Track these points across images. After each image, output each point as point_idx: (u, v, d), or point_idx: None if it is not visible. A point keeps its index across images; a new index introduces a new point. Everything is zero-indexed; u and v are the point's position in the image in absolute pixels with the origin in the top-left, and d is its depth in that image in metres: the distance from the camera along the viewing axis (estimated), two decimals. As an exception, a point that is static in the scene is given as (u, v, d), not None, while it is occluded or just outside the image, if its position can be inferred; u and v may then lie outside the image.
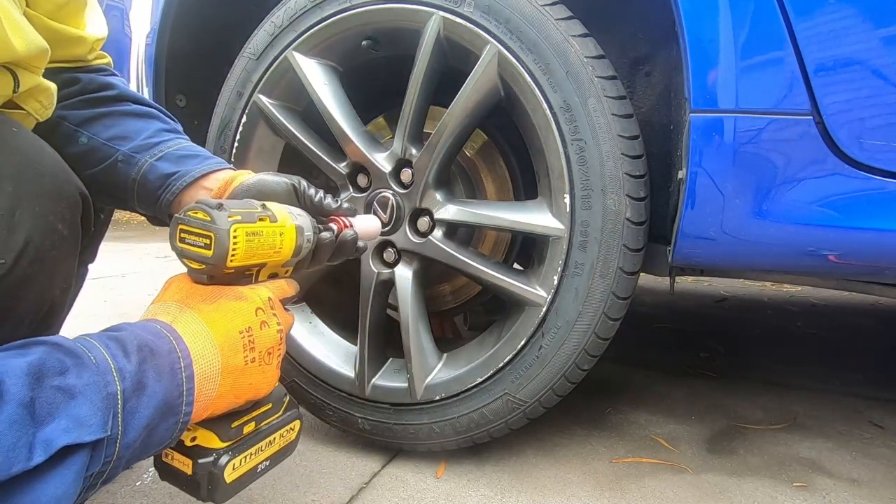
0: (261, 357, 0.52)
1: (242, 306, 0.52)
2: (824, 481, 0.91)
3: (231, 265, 0.52)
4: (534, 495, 0.85)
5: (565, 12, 0.80)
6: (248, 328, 0.52)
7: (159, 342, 0.46)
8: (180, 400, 0.45)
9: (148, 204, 0.72)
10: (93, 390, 0.38)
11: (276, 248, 0.56)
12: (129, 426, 0.40)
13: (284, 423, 0.60)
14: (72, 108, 0.70)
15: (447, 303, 1.17)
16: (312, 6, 0.92)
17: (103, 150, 0.70)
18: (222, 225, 0.50)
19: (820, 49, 0.67)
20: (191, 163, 0.71)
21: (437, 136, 0.85)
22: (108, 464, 0.40)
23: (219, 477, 0.51)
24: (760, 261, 0.79)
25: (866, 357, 1.64)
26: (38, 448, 0.34)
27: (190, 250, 0.51)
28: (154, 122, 0.75)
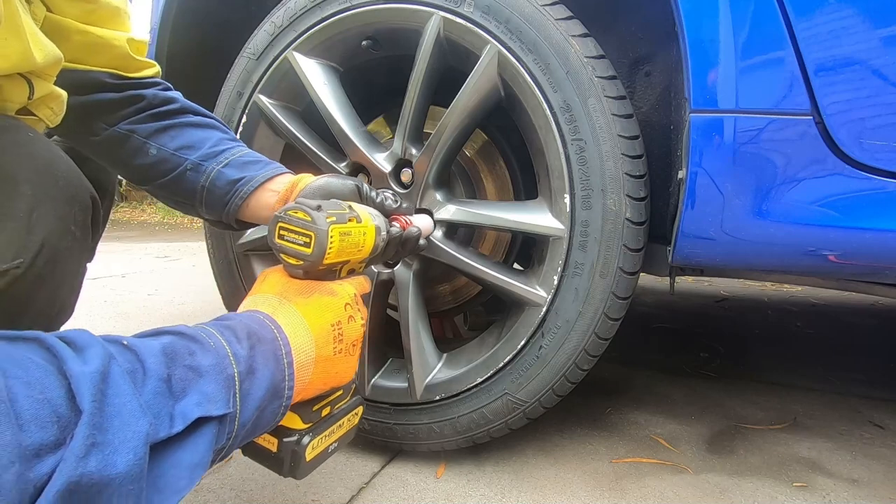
0: (346, 348, 0.57)
1: (334, 301, 0.57)
2: (824, 481, 0.91)
3: (326, 263, 0.56)
4: (534, 495, 0.85)
5: (565, 12, 0.80)
6: (338, 322, 0.56)
7: (264, 331, 0.50)
8: (283, 385, 0.49)
9: (215, 209, 0.76)
10: (215, 371, 0.43)
11: (360, 246, 0.62)
12: (244, 406, 0.44)
13: (351, 408, 0.65)
14: (140, 122, 0.74)
15: (447, 303, 1.17)
16: (312, 6, 0.92)
17: (172, 161, 0.74)
18: (322, 226, 0.55)
19: (820, 49, 0.67)
20: (254, 168, 0.76)
21: (437, 136, 0.85)
22: (228, 440, 0.43)
23: (301, 455, 0.56)
24: (760, 261, 0.79)
25: (866, 357, 1.64)
26: (178, 418, 0.38)
27: (289, 247, 0.56)
28: (215, 132, 0.79)
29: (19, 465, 0.29)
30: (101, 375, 0.34)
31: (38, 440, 0.30)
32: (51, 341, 0.34)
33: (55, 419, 0.31)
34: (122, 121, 0.74)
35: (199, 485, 0.85)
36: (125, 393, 0.35)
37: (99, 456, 0.32)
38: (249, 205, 0.75)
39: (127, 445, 0.34)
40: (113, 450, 0.33)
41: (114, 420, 0.34)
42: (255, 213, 0.76)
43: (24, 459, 0.29)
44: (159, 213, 5.43)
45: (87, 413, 0.32)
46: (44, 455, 0.30)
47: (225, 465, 0.92)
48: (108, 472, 0.32)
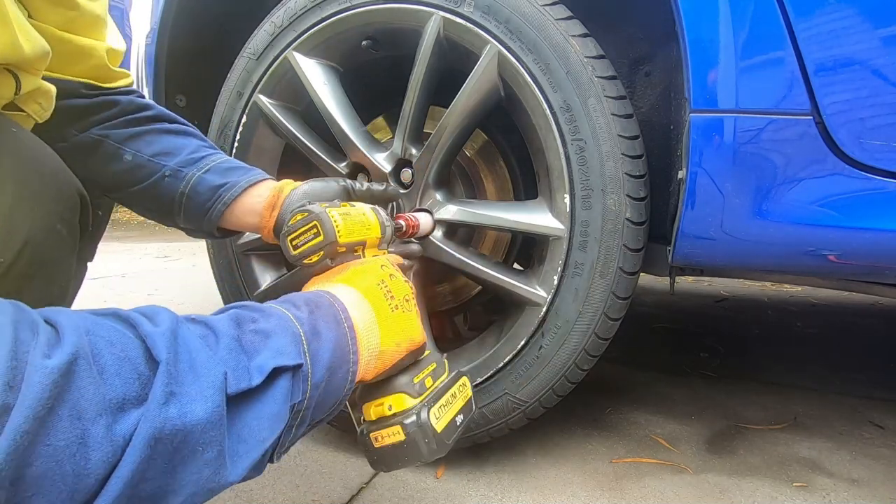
0: (401, 304, 0.57)
1: (369, 266, 0.59)
2: (824, 481, 0.91)
3: (341, 240, 0.58)
4: (534, 495, 0.85)
5: (565, 12, 0.80)
6: (382, 280, 0.57)
7: (319, 299, 0.51)
8: (348, 347, 0.50)
9: (195, 217, 0.75)
10: (282, 330, 0.44)
11: (368, 224, 0.64)
12: (315, 366, 0.45)
13: (454, 380, 0.64)
14: (113, 127, 0.73)
15: (447, 303, 1.17)
16: (312, 6, 0.92)
17: (148, 167, 0.73)
18: (319, 210, 0.58)
19: (820, 49, 0.67)
20: (237, 174, 0.75)
21: (437, 136, 0.85)
22: (303, 398, 0.44)
23: (429, 427, 0.55)
24: (760, 261, 0.79)
25: (866, 357, 1.64)
26: (255, 372, 0.40)
27: (306, 248, 0.59)
28: (193, 139, 0.78)
29: (106, 416, 0.31)
30: (171, 333, 0.36)
31: (122, 393, 0.32)
32: (124, 312, 0.37)
33: (136, 375, 0.33)
34: (94, 126, 0.72)
35: (199, 485, 0.85)
36: (198, 349, 0.38)
37: (178, 404, 0.34)
38: (234, 211, 0.73)
39: (204, 394, 0.36)
40: (190, 399, 0.35)
41: (189, 372, 0.36)
42: (240, 219, 0.74)
43: (110, 412, 0.31)
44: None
45: (164, 363, 0.34)
46: (128, 409, 0.32)
47: (225, 465, 0.92)
48: (187, 419, 0.34)
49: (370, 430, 0.56)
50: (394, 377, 0.57)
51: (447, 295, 1.16)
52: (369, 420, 0.57)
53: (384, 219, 0.67)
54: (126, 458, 0.31)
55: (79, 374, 0.30)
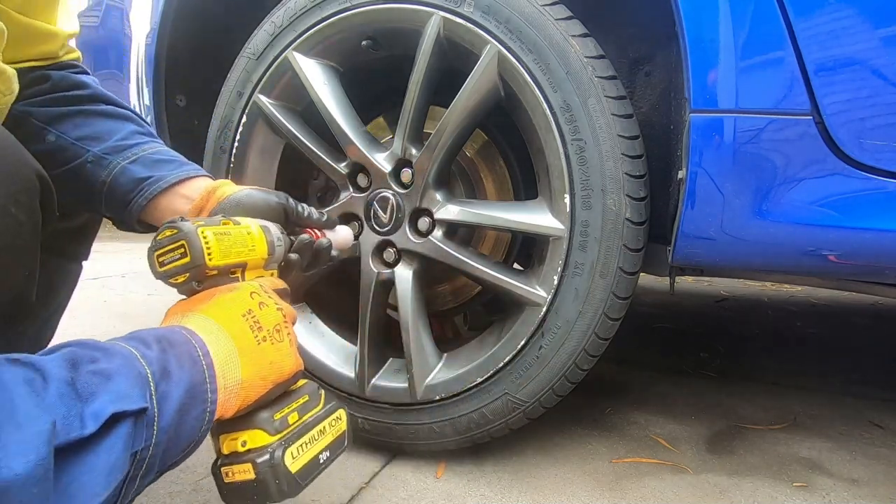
0: (270, 335, 0.55)
1: (237, 294, 0.55)
2: (824, 481, 0.91)
3: (211, 263, 0.54)
4: (534, 495, 0.85)
5: (565, 12, 0.80)
6: (249, 310, 0.54)
7: (174, 336, 0.48)
8: (205, 386, 0.47)
9: (117, 208, 0.69)
10: (125, 371, 0.41)
11: (250, 245, 0.59)
12: (162, 409, 0.42)
13: (328, 413, 0.62)
14: (40, 105, 0.67)
15: (447, 303, 1.17)
16: (312, 6, 0.92)
17: (71, 150, 0.67)
18: (189, 229, 0.53)
19: (820, 49, 0.67)
20: (166, 168, 0.69)
21: (437, 136, 0.85)
22: (148, 448, 0.41)
23: (281, 468, 0.53)
24: (760, 261, 0.79)
25: (866, 357, 1.64)
26: (89, 419, 0.37)
27: (171, 268, 0.54)
28: (128, 125, 0.72)
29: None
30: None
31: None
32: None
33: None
34: (23, 101, 0.66)
35: (199, 485, 0.85)
36: (21, 395, 0.34)
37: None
38: (158, 207, 0.68)
39: (26, 447, 0.32)
40: (8, 453, 0.31)
41: (8, 422, 0.32)
42: (163, 216, 0.68)
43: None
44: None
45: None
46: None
47: (225, 465, 0.92)
48: (4, 475, 0.31)
49: (222, 464, 0.54)
50: (254, 412, 0.54)
51: (447, 295, 1.16)
52: (223, 454, 0.55)
53: (275, 237, 0.63)
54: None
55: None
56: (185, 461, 0.49)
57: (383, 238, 0.92)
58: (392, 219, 0.91)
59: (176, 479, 0.86)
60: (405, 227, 0.91)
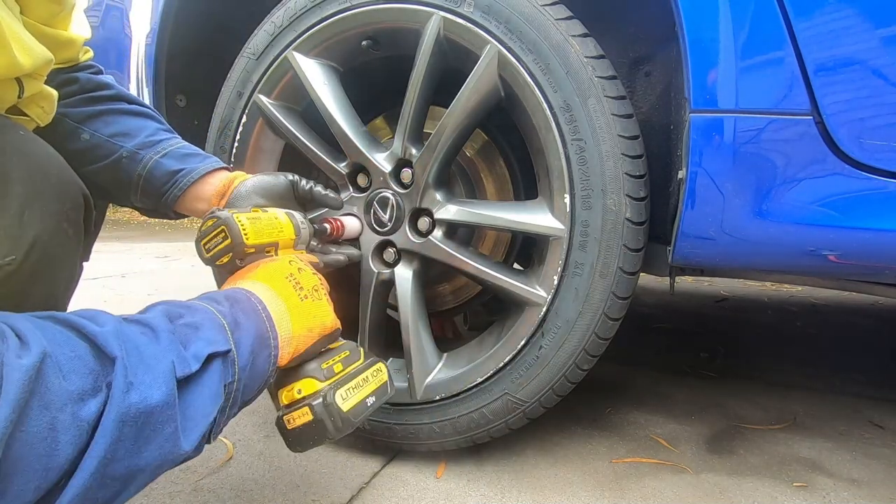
0: (310, 293, 0.63)
1: (276, 263, 0.64)
2: (824, 481, 0.91)
3: (249, 242, 0.63)
4: (534, 495, 0.85)
5: (565, 12, 0.80)
6: (290, 273, 0.63)
7: (237, 294, 0.57)
8: (268, 334, 0.56)
9: (151, 199, 0.78)
10: (208, 323, 0.50)
11: (279, 227, 0.68)
12: (239, 351, 0.51)
13: (369, 365, 0.70)
14: (72, 105, 0.74)
15: (447, 303, 1.17)
16: (312, 6, 0.92)
17: (106, 147, 0.75)
18: (224, 215, 0.63)
19: (820, 49, 0.67)
20: (194, 161, 0.78)
21: (437, 136, 0.85)
22: (233, 378, 0.50)
23: (334, 407, 0.60)
24: (760, 261, 0.79)
25: (866, 357, 1.64)
26: (192, 360, 0.46)
27: (216, 251, 0.63)
28: (151, 122, 0.80)
29: (71, 406, 0.36)
30: (117, 332, 0.42)
31: (79, 387, 0.37)
32: (63, 316, 0.42)
33: (88, 371, 0.39)
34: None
35: (199, 485, 0.85)
36: (144, 343, 0.43)
37: (138, 392, 0.40)
38: (188, 196, 0.77)
39: (158, 381, 0.42)
40: (147, 386, 0.41)
41: (140, 364, 0.41)
42: (192, 205, 0.78)
43: (73, 402, 0.37)
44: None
45: (119, 358, 0.40)
46: (86, 399, 0.38)
47: (225, 465, 0.92)
48: (147, 402, 0.40)
49: (284, 414, 0.61)
50: (304, 364, 0.62)
51: (447, 295, 1.16)
52: (283, 405, 0.62)
53: (299, 221, 0.73)
54: (98, 438, 0.37)
55: (46, 371, 0.35)
56: (252, 401, 0.56)
57: (383, 238, 0.92)
58: (392, 219, 0.91)
59: (176, 479, 0.86)
60: (405, 227, 0.91)
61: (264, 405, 1.15)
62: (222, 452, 0.96)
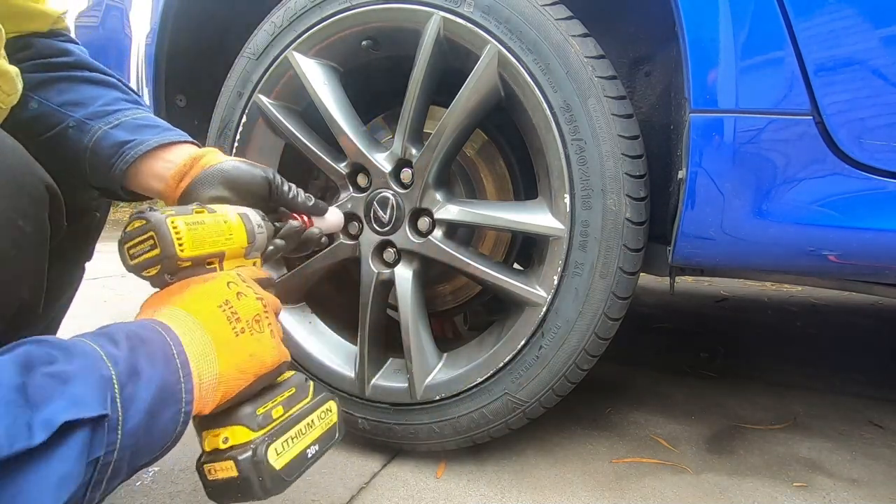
0: (249, 326, 0.53)
1: (212, 284, 0.53)
2: (824, 481, 0.91)
3: (183, 255, 0.52)
4: (534, 495, 0.85)
5: (565, 12, 0.80)
6: (226, 300, 0.52)
7: (146, 332, 0.46)
8: (179, 386, 0.45)
9: (101, 175, 0.68)
10: (86, 373, 0.39)
11: (227, 234, 0.57)
12: (129, 412, 0.40)
13: (317, 405, 0.60)
14: (24, 71, 0.65)
15: (447, 303, 1.17)
16: (312, 6, 0.92)
17: (55, 116, 0.66)
18: (157, 219, 0.51)
19: (820, 49, 0.67)
20: (149, 132, 0.67)
21: (437, 136, 0.85)
22: (111, 452, 0.39)
23: (264, 465, 0.51)
24: (760, 261, 0.79)
25: (866, 357, 1.65)
26: (38, 428, 0.34)
27: (142, 260, 0.52)
28: (112, 91, 0.71)
29: None
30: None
31: None
32: None
33: None
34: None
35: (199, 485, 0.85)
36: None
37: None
38: (140, 171, 0.66)
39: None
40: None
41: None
42: (146, 182, 0.67)
43: None
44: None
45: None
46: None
47: (225, 465, 0.92)
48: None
49: (205, 461, 0.53)
50: (237, 407, 0.53)
51: (447, 295, 1.16)
52: (205, 450, 0.54)
53: (255, 224, 0.61)
54: None
55: None
56: (155, 461, 0.47)
57: (383, 238, 0.92)
58: (392, 219, 0.91)
59: (176, 479, 0.86)
60: (405, 227, 0.91)
61: (264, 405, 1.15)
62: (222, 452, 0.96)
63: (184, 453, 0.94)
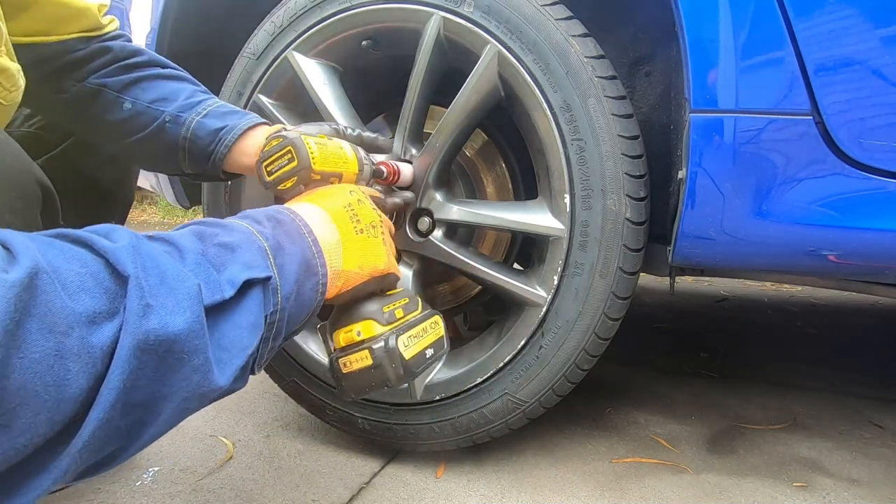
0: (367, 229, 0.58)
1: (337, 189, 0.60)
2: (824, 481, 0.91)
3: (316, 167, 0.59)
4: (534, 495, 0.85)
5: (565, 12, 0.80)
6: (349, 204, 0.58)
7: (281, 216, 0.51)
8: (315, 260, 0.51)
9: (199, 161, 0.76)
10: (246, 244, 0.45)
11: (345, 158, 0.65)
12: (283, 278, 0.46)
13: (426, 317, 0.65)
14: (109, 75, 0.74)
15: (447, 303, 1.17)
16: (312, 6, 0.92)
17: (149, 114, 0.74)
18: (293, 136, 0.60)
19: (820, 49, 0.67)
20: (234, 117, 0.76)
21: (437, 136, 0.85)
22: (276, 312, 0.45)
23: (396, 353, 0.56)
24: (760, 261, 0.79)
25: (866, 357, 1.64)
26: (226, 285, 0.40)
27: (280, 173, 0.59)
28: (187, 84, 0.79)
29: (78, 329, 0.31)
30: (133, 249, 0.36)
31: (90, 307, 0.32)
32: (74, 232, 0.36)
33: (102, 290, 0.33)
34: (91, 75, 0.73)
35: (199, 485, 0.85)
36: (165, 262, 0.37)
37: (156, 316, 0.34)
38: (234, 153, 0.75)
39: (181, 305, 0.36)
40: (168, 310, 0.35)
41: (160, 286, 0.36)
42: (239, 161, 0.76)
43: (81, 325, 0.31)
44: (160, 212, 5.45)
45: (133, 277, 0.34)
46: (100, 322, 0.33)
47: (225, 465, 0.92)
48: (168, 330, 0.35)
49: (339, 357, 0.57)
50: (363, 304, 0.58)
51: (447, 295, 1.16)
52: (339, 347, 0.58)
53: (363, 157, 0.68)
54: (114, 368, 0.32)
55: (42, 287, 0.30)
56: (298, 332, 0.52)
57: (383, 238, 0.92)
58: (392, 219, 0.90)
59: (176, 479, 0.86)
60: (405, 227, 0.91)
61: (264, 405, 1.15)
62: (222, 452, 0.96)
63: (184, 453, 0.94)
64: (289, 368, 1.00)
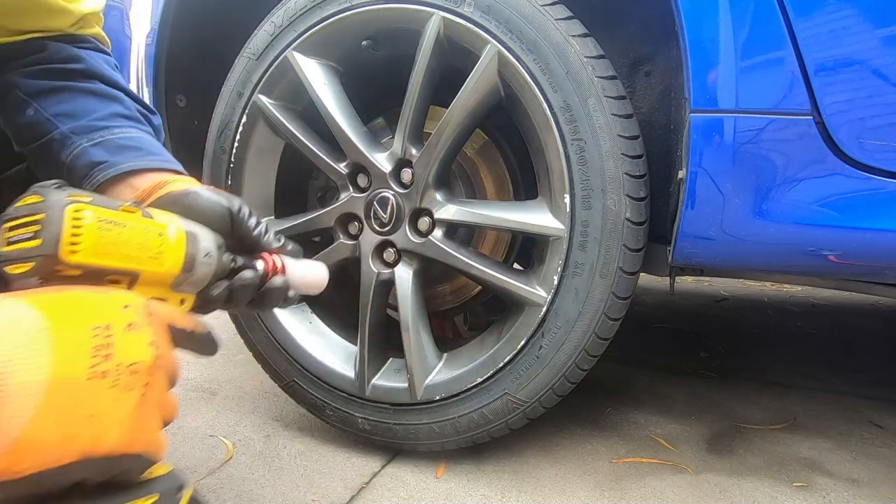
0: (117, 373, 0.35)
1: (102, 297, 0.38)
2: (824, 481, 0.91)
3: (72, 259, 0.38)
4: (534, 495, 0.85)
5: (565, 12, 0.80)
6: (108, 325, 0.36)
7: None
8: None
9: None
10: None
11: (152, 250, 0.43)
12: None
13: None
14: (28, 75, 0.63)
15: (447, 303, 1.17)
16: (312, 6, 0.92)
17: (44, 127, 0.62)
18: (56, 200, 0.38)
19: (820, 49, 0.67)
20: (128, 155, 0.61)
21: (437, 136, 0.85)
22: None
23: None
24: (760, 261, 0.79)
25: (866, 357, 1.64)
26: None
27: (16, 248, 0.38)
28: (113, 105, 0.66)
29: None
30: None
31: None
32: None
33: None
34: (12, 70, 0.63)
35: (199, 485, 0.85)
36: None
37: None
38: (108, 195, 0.60)
39: None
40: None
41: None
42: None
43: None
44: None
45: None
46: None
47: (225, 465, 0.92)
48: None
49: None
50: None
51: (447, 295, 1.16)
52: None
53: (201, 251, 0.47)
54: None
55: None
56: (168, 461, 0.40)
57: (383, 238, 0.92)
58: (392, 219, 0.90)
59: (176, 479, 0.86)
60: (405, 227, 0.91)
61: (264, 405, 1.15)
62: (222, 452, 0.96)
63: (183, 453, 0.94)
64: (288, 369, 1.00)
